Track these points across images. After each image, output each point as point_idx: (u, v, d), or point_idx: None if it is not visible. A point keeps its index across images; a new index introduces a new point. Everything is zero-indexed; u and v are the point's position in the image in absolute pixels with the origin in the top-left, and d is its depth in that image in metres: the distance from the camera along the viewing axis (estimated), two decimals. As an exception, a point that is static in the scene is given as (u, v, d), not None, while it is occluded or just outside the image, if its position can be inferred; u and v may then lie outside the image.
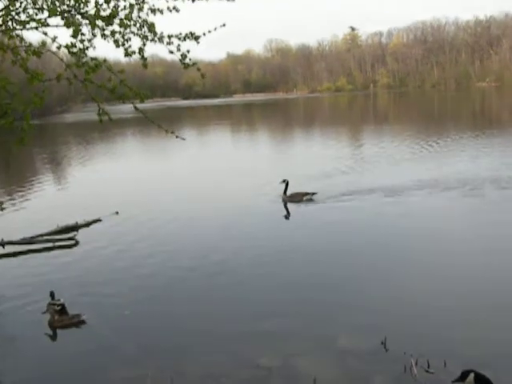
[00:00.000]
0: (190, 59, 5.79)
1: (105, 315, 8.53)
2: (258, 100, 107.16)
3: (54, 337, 8.19)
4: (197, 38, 5.92)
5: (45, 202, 17.87)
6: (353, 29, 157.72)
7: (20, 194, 19.08)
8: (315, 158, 24.42)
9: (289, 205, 15.55)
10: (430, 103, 72.93)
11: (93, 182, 21.15)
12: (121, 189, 19.00)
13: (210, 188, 18.34)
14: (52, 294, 8.70)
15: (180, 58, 5.72)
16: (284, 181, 15.97)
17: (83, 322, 8.30)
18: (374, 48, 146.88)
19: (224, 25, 6.28)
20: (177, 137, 5.47)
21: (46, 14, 4.66)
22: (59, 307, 8.44)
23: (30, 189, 20.38)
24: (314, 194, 15.81)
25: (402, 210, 13.90)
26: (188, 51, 5.79)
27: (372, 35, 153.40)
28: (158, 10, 5.72)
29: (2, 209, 5.95)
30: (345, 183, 17.53)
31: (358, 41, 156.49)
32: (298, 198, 15.78)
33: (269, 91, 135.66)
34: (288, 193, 15.90)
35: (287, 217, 14.67)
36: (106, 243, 12.38)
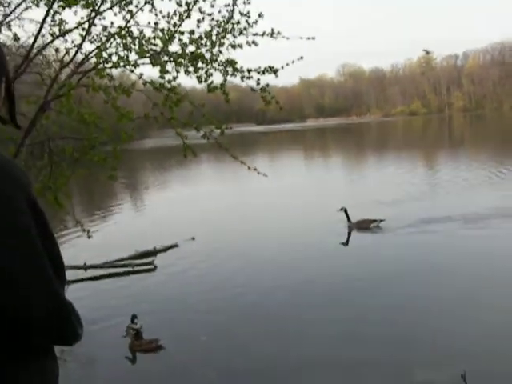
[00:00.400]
0: (268, 92, 5.95)
1: (182, 340, 8.71)
2: (331, 124, 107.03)
3: (133, 360, 8.42)
4: (275, 72, 6.05)
5: (124, 227, 18.45)
6: (427, 52, 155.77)
7: (101, 218, 19.77)
8: (388, 182, 24.09)
9: (356, 232, 15.38)
10: (509, 126, 70.80)
11: (169, 208, 21.63)
12: (196, 214, 19.34)
13: (282, 213, 18.40)
14: (133, 318, 8.96)
15: (259, 91, 5.89)
16: (342, 209, 15.64)
17: (161, 347, 8.50)
18: (449, 70, 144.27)
19: (302, 57, 6.40)
20: (258, 173, 5.61)
21: (134, 55, 4.93)
22: (134, 331, 8.70)
23: (110, 214, 21.09)
24: (381, 220, 15.42)
25: (477, 241, 13.40)
26: (267, 85, 5.95)
27: (447, 58, 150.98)
28: (238, 45, 5.92)
29: (89, 237, 6.21)
30: (417, 210, 17.16)
31: (432, 63, 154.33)
32: (365, 225, 15.43)
33: (342, 115, 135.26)
34: (354, 220, 15.60)
35: (353, 244, 14.60)
36: (183, 268, 12.66)
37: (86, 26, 5.27)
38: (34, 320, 1.45)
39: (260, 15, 5.43)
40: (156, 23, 5.72)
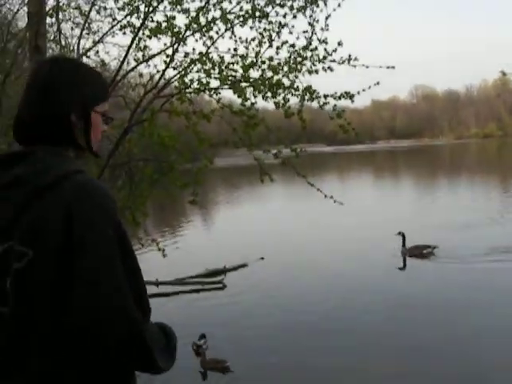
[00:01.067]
0: (345, 119, 5.97)
1: (249, 362, 8.74)
2: (402, 146, 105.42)
3: (199, 378, 8.52)
4: (351, 97, 6.07)
5: (194, 245, 18.71)
6: (504, 73, 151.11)
7: (172, 236, 20.13)
8: (455, 208, 23.46)
9: (409, 259, 15.06)
10: None
11: (239, 226, 21.81)
12: (265, 234, 19.42)
13: (349, 234, 18.18)
14: (201, 337, 9.09)
15: (335, 116, 5.92)
16: (399, 233, 15.32)
17: (228, 368, 8.54)
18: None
19: (378, 83, 6.40)
20: (335, 201, 5.63)
21: (216, 82, 5.07)
22: (196, 347, 8.87)
23: (180, 231, 21.46)
24: (435, 247, 15.00)
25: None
26: (343, 111, 5.98)
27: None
28: (315, 71, 5.98)
29: (164, 256, 6.38)
30: (478, 238, 16.55)
31: (509, 85, 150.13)
32: (418, 251, 15.08)
33: (413, 137, 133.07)
34: (408, 245, 15.27)
35: (404, 271, 14.46)
36: (253, 288, 12.73)
37: (168, 51, 5.46)
38: (111, 341, 1.49)
39: (340, 43, 5.48)
40: (235, 49, 5.85)
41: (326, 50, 5.53)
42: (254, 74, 5.42)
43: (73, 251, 1.48)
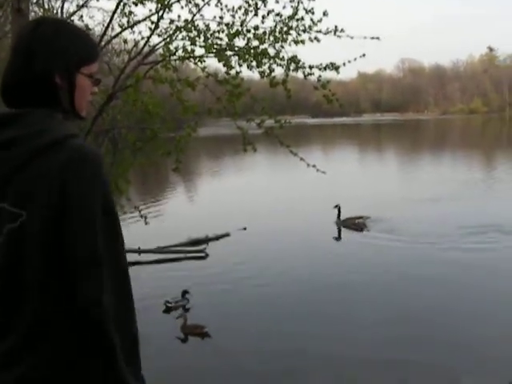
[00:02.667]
0: (329, 90, 5.98)
1: (227, 329, 8.86)
2: (387, 120, 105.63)
3: (179, 342, 8.69)
4: (337, 68, 6.08)
5: (177, 214, 18.75)
6: (491, 49, 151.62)
7: (155, 204, 20.12)
8: (429, 182, 23.72)
9: (343, 230, 15.71)
10: None
11: (221, 196, 21.82)
12: (248, 204, 19.48)
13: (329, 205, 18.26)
14: (183, 293, 9.79)
15: (320, 87, 5.93)
16: (336, 206, 15.96)
17: (207, 333, 8.66)
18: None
19: (364, 55, 6.40)
20: (317, 170, 5.66)
21: (201, 50, 5.05)
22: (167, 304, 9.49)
23: (163, 200, 21.47)
24: (367, 218, 15.84)
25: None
26: (328, 82, 5.99)
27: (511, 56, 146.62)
28: (301, 41, 5.96)
29: (147, 223, 6.40)
30: (430, 212, 17.18)
31: (495, 61, 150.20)
32: (350, 222, 15.85)
33: (399, 111, 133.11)
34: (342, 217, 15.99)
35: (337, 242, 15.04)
36: (234, 258, 12.82)
37: (153, 18, 5.41)
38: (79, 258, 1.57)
39: (325, 13, 5.46)
40: (221, 17, 5.81)
41: (312, 19, 5.51)
42: (240, 42, 5.41)
43: (64, 214, 1.55)
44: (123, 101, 5.52)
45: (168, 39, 5.25)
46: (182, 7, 5.72)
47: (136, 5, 5.00)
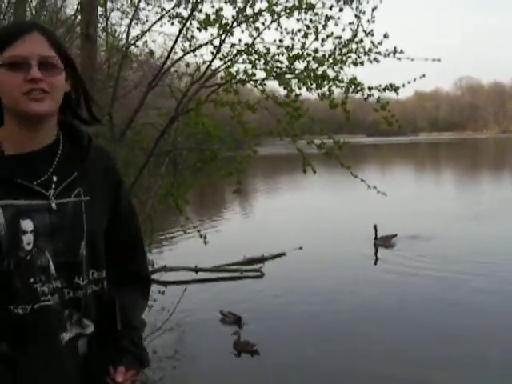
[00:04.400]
0: (389, 110, 5.96)
1: (281, 348, 8.87)
2: (444, 139, 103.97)
3: (232, 357, 8.75)
4: (396, 90, 6.05)
5: (233, 233, 18.88)
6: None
7: (211, 223, 20.32)
8: (486, 201, 23.23)
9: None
10: None
11: (277, 215, 21.84)
12: (304, 224, 19.44)
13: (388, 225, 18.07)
14: (238, 319, 9.80)
15: (379, 108, 5.91)
16: (374, 226, 15.78)
17: (256, 351, 8.74)
18: None
19: (424, 75, 6.36)
20: (378, 192, 5.65)
21: (261, 73, 5.13)
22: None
23: (220, 219, 21.66)
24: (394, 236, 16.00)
25: None
26: (387, 103, 5.97)
27: None
28: (360, 63, 5.97)
29: (206, 242, 6.48)
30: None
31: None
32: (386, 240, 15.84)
33: (456, 130, 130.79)
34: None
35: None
36: (290, 277, 12.81)
37: (215, 42, 5.53)
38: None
39: (385, 36, 5.46)
40: (281, 40, 5.88)
41: (372, 42, 5.52)
42: (299, 65, 5.45)
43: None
44: (184, 123, 5.64)
45: (229, 63, 5.35)
46: (243, 31, 5.82)
47: (200, 30, 5.12)
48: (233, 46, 5.56)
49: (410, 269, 13.42)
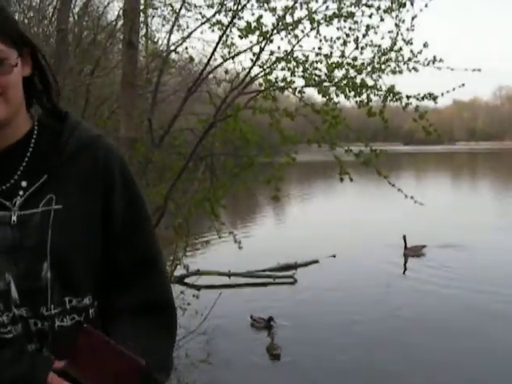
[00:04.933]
0: (427, 119, 5.93)
1: (315, 355, 8.87)
2: (482, 149, 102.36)
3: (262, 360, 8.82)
4: (435, 99, 6.03)
5: (266, 239, 18.88)
6: None
7: (244, 229, 20.37)
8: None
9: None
10: None
11: (311, 222, 21.78)
12: (338, 231, 19.37)
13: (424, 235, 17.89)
14: (269, 319, 9.84)
15: (418, 118, 5.89)
16: (403, 236, 15.66)
17: (278, 356, 8.80)
18: None
19: (463, 85, 6.31)
20: (415, 202, 5.62)
21: (299, 80, 5.16)
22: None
23: (253, 224, 21.71)
24: (423, 247, 15.92)
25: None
26: (426, 112, 5.94)
27: None
28: (399, 71, 5.96)
29: (240, 248, 6.53)
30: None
31: None
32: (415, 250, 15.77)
33: (495, 140, 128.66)
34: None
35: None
36: (323, 285, 12.76)
37: (255, 49, 5.59)
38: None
39: (425, 45, 5.44)
40: (320, 48, 5.91)
41: (412, 51, 5.51)
42: (338, 73, 5.47)
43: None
44: (222, 129, 5.70)
45: (268, 70, 5.39)
46: (282, 38, 5.87)
47: (241, 38, 5.18)
48: (272, 53, 5.61)
49: (438, 279, 13.32)
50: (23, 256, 1.34)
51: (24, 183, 1.37)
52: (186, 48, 6.35)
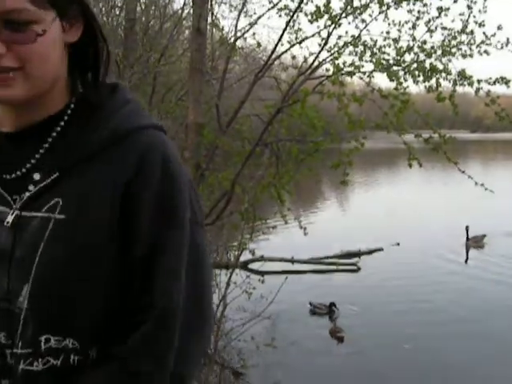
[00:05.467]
0: (498, 104, 5.76)
1: (377, 343, 8.85)
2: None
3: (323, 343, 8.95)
4: (507, 83, 5.85)
5: (329, 225, 18.79)
6: None
7: (307, 215, 20.34)
8: None
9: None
10: None
11: (374, 209, 21.53)
12: (402, 219, 19.11)
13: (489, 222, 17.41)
14: (331, 305, 10.00)
15: (490, 103, 5.73)
16: (466, 227, 15.35)
17: (342, 339, 9.03)
18: None
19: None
20: (486, 189, 5.50)
21: (367, 65, 5.10)
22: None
23: (316, 211, 21.66)
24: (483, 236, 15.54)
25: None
26: (498, 97, 5.77)
27: None
28: (470, 55, 5.80)
29: (306, 234, 6.54)
30: None
31: None
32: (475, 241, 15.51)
33: None
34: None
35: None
36: (387, 273, 12.66)
37: (322, 34, 5.55)
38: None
39: (499, 27, 5.28)
40: (388, 32, 5.81)
41: (484, 34, 5.35)
42: (407, 57, 5.38)
43: None
44: (288, 114, 5.71)
45: (336, 54, 5.36)
46: (349, 23, 5.80)
47: (311, 22, 5.16)
48: (339, 37, 5.57)
49: (501, 269, 13.02)
50: (9, 267, 1.03)
51: (37, 176, 1.06)
52: (254, 34, 6.40)
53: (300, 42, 5.72)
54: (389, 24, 5.75)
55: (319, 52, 5.36)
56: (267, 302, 7.30)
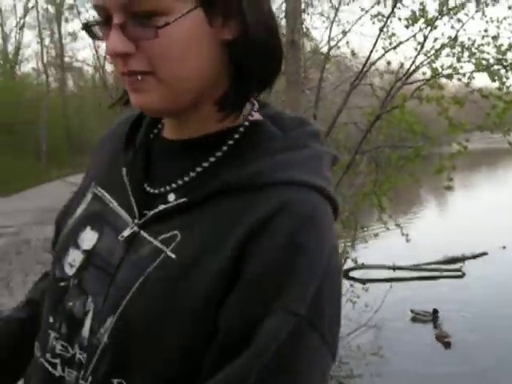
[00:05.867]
0: None
1: (484, 352, 8.53)
2: None
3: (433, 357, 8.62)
4: None
5: (429, 230, 18.33)
6: None
7: (407, 220, 19.91)
8: None
9: None
10: None
11: (475, 212, 20.87)
12: (506, 221, 18.35)
13: None
14: (434, 311, 9.82)
15: None
16: None
17: (449, 344, 8.76)
18: None
19: None
20: None
21: (467, 66, 5.00)
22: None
23: (415, 216, 21.18)
24: None
25: None
26: None
27: None
28: None
29: (408, 240, 6.46)
30: None
31: None
32: None
33: None
34: None
35: None
36: (493, 278, 12.19)
37: (418, 38, 5.49)
38: None
39: None
40: (486, 30, 5.66)
41: None
42: (509, 55, 5.22)
43: None
44: (387, 121, 5.67)
45: (432, 57, 5.29)
46: (445, 24, 5.71)
47: (407, 28, 5.12)
48: (435, 40, 5.49)
49: None
50: (103, 287, 0.87)
51: (171, 197, 0.86)
52: (347, 42, 6.40)
53: (395, 47, 5.69)
54: (487, 22, 5.62)
55: (416, 56, 5.30)
56: (367, 310, 7.24)
